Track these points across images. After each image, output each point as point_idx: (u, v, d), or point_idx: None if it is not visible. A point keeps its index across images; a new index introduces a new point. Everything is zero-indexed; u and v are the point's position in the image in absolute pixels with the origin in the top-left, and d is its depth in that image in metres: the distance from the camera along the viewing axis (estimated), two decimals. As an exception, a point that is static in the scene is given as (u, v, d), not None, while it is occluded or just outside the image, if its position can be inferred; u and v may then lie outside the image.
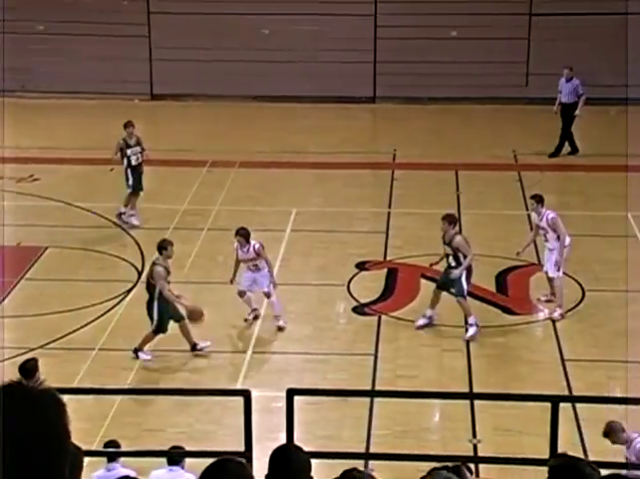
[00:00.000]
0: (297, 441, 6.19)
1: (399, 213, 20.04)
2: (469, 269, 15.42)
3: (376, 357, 14.73)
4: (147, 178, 19.50)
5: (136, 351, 14.50)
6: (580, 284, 16.84)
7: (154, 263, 14.54)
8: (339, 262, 17.83)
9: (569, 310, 16.07)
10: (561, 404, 6.07)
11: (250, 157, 22.96)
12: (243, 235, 15.32)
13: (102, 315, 15.71)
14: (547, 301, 16.20)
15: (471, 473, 6.70)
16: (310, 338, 15.43)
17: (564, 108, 22.93)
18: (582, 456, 11.01)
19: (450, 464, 4.57)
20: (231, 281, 15.49)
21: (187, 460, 10.09)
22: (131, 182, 19.04)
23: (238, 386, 13.54)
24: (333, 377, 14.05)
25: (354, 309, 16.26)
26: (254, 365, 14.53)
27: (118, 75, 27.24)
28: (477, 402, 13.10)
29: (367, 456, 11.24)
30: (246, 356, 14.77)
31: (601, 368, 14.42)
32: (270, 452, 4.73)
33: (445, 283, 15.47)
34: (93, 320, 15.56)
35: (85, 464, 3.58)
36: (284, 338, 15.42)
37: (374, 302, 16.49)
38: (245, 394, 6.15)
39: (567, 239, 15.67)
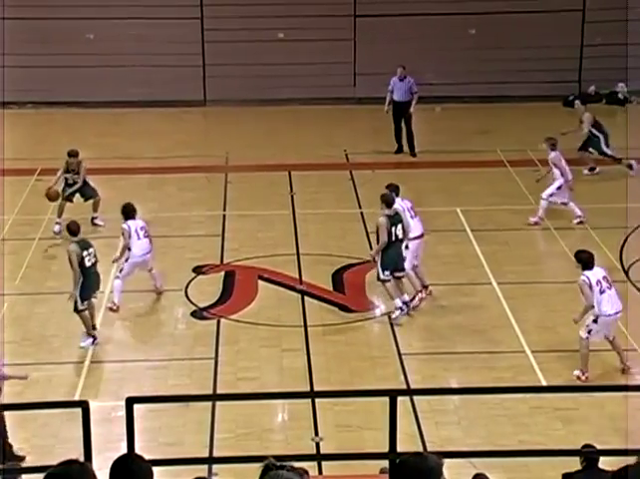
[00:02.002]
0: (139, 449, 6.12)
1: (234, 215, 20.04)
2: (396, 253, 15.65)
3: (216, 361, 14.69)
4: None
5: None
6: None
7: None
8: (176, 267, 17.70)
9: (406, 304, 16.38)
10: (400, 398, 6.19)
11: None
12: None
13: None
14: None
15: None
16: (149, 345, 15.28)
17: (398, 106, 23.35)
18: (421, 448, 11.27)
19: (284, 463, 4.59)
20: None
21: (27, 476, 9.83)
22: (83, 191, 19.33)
23: (76, 398, 13.29)
24: (174, 383, 13.94)
25: (193, 314, 16.17)
26: (93, 375, 14.28)
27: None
28: (318, 400, 13.23)
29: (210, 460, 11.21)
30: (84, 366, 14.50)
31: (437, 361, 14.76)
32: (111, 463, 4.66)
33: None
34: None
35: None
36: (123, 346, 15.21)
37: (212, 306, 16.44)
38: (83, 405, 6.04)
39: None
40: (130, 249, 16.22)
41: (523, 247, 18.49)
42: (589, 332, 14.02)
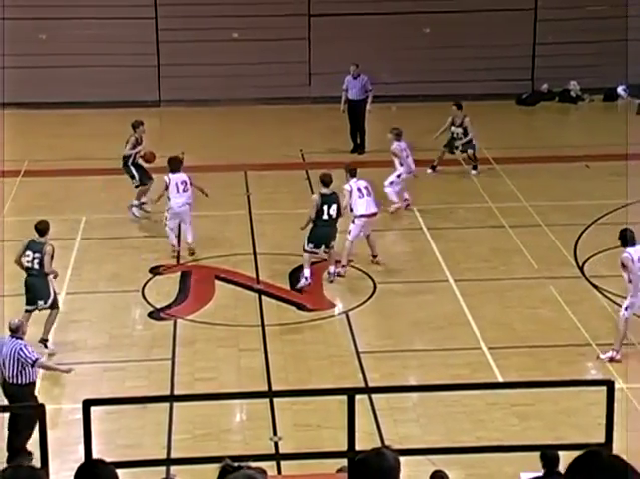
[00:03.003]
0: (97, 452, 6.09)
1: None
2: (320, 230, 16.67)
3: (174, 362, 14.64)
4: None
5: (45, 341, 14.72)
6: (371, 278, 17.26)
7: (44, 244, 14.80)
8: (132, 269, 17.62)
9: (362, 304, 16.43)
10: (358, 396, 6.21)
11: (34, 165, 22.37)
12: None
13: None
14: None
15: None
16: (106, 347, 15.18)
17: (353, 104, 23.41)
18: (380, 445, 11.29)
19: (241, 464, 4.59)
20: None
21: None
22: (137, 177, 19.74)
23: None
24: (131, 385, 13.87)
25: (149, 315, 16.10)
26: (49, 378, 14.16)
27: None
28: (276, 400, 13.22)
29: (169, 462, 11.17)
30: (39, 370, 14.36)
31: (395, 359, 14.81)
32: (69, 466, 4.64)
33: None
34: None
35: None
36: (79, 348, 15.11)
37: (169, 307, 16.38)
38: (39, 409, 6.00)
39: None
40: (170, 199, 17.80)
41: (480, 245, 18.60)
42: (626, 309, 14.49)
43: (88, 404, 5.90)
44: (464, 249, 18.33)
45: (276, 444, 12.66)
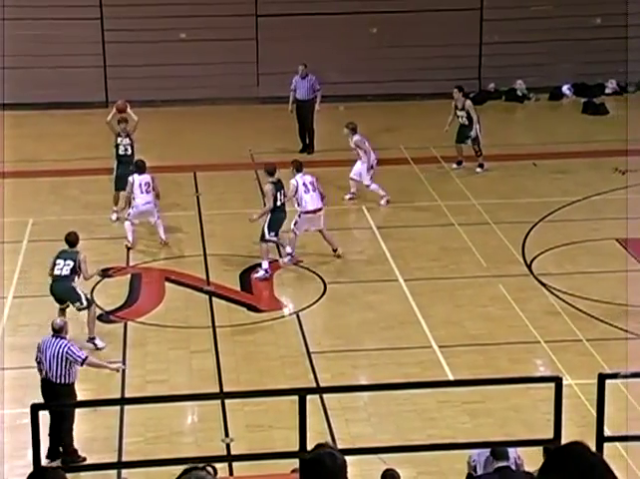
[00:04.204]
0: (46, 457, 6.05)
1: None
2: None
3: (124, 364, 14.55)
4: None
5: (93, 340, 14.92)
6: (322, 278, 17.29)
7: (77, 252, 15.16)
8: (81, 271, 17.47)
9: (313, 304, 16.45)
10: (309, 396, 6.21)
11: (-20, 167, 22.13)
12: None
13: None
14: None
15: None
16: (55, 351, 15.03)
17: (301, 104, 23.43)
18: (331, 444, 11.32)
19: (200, 465, 4.59)
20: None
21: None
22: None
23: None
24: (81, 388, 13.71)
25: (99, 318, 15.98)
26: (-4, 383, 14.02)
27: None
28: (228, 401, 13.20)
29: (119, 465, 11.12)
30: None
31: (346, 358, 14.85)
32: (17, 472, 4.60)
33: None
34: None
35: None
36: (27, 352, 14.95)
37: (119, 309, 16.29)
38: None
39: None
40: (134, 199, 18.25)
41: (429, 244, 18.70)
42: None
43: (36, 409, 5.85)
44: (413, 249, 18.42)
45: (228, 445, 12.64)
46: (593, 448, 3.63)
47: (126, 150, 19.96)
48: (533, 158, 22.59)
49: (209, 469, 4.42)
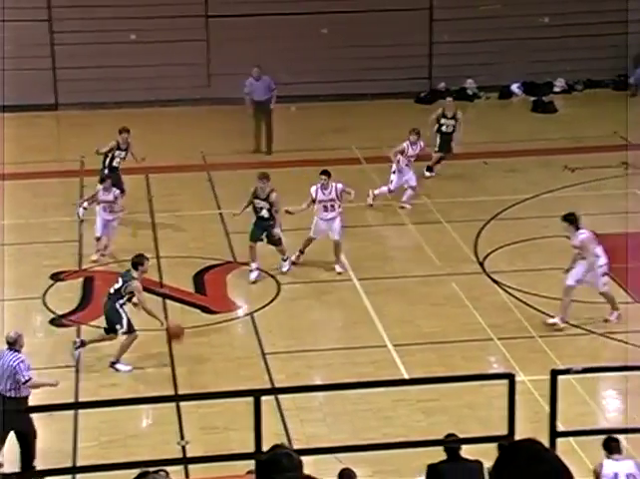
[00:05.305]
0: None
1: (91, 220, 19.67)
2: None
3: (77, 369, 14.47)
4: None
5: (114, 364, 14.49)
6: (275, 279, 17.28)
7: (132, 279, 14.61)
8: (33, 275, 17.35)
9: (267, 305, 16.45)
10: (265, 397, 6.21)
11: None
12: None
13: None
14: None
15: None
16: (7, 356, 14.90)
17: (259, 106, 23.38)
18: (287, 445, 11.32)
19: (151, 469, 4.59)
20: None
21: None
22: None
23: None
24: (35, 392, 13.63)
25: (51, 322, 15.88)
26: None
27: None
28: (183, 404, 13.16)
29: (74, 470, 11.04)
30: None
31: (301, 359, 14.87)
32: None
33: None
34: None
35: None
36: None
37: (72, 313, 16.18)
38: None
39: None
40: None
41: (382, 243, 18.77)
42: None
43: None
44: (366, 248, 18.47)
45: (184, 448, 12.60)
46: (547, 444, 3.67)
47: (119, 163, 19.84)
48: (484, 156, 22.74)
49: (162, 473, 4.43)
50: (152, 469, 4.51)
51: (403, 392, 13.41)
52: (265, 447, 5.73)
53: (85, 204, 19.04)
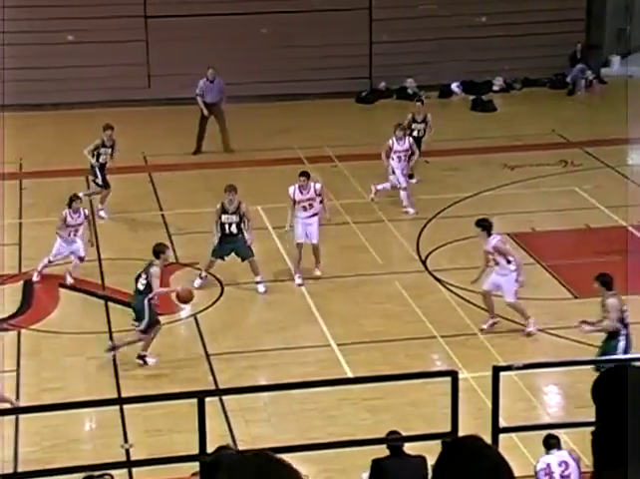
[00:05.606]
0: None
1: (30, 223, 19.53)
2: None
3: (18, 373, 14.32)
4: None
5: (142, 357, 14.40)
6: (219, 279, 17.24)
7: (151, 265, 14.63)
8: (-29, 279, 17.13)
9: (210, 306, 16.40)
10: (208, 398, 6.19)
11: None
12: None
13: None
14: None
15: None
16: (-54, 361, 14.72)
17: (212, 107, 23.28)
18: (232, 446, 11.29)
19: (96, 473, 4.55)
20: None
21: None
22: (100, 180, 19.76)
23: None
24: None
25: (-9, 327, 15.70)
26: None
27: None
28: (126, 406, 13.08)
29: (15, 476, 10.90)
30: None
31: (245, 359, 14.84)
32: None
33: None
34: None
35: None
36: None
37: (12, 317, 16.00)
38: None
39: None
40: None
41: (325, 243, 18.77)
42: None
43: None
44: (309, 248, 18.46)
45: (127, 451, 12.52)
46: (489, 440, 3.70)
47: (105, 160, 19.86)
48: (425, 155, 22.84)
49: (107, 477, 4.40)
50: (96, 473, 4.47)
51: (347, 391, 13.43)
52: (210, 449, 5.71)
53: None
